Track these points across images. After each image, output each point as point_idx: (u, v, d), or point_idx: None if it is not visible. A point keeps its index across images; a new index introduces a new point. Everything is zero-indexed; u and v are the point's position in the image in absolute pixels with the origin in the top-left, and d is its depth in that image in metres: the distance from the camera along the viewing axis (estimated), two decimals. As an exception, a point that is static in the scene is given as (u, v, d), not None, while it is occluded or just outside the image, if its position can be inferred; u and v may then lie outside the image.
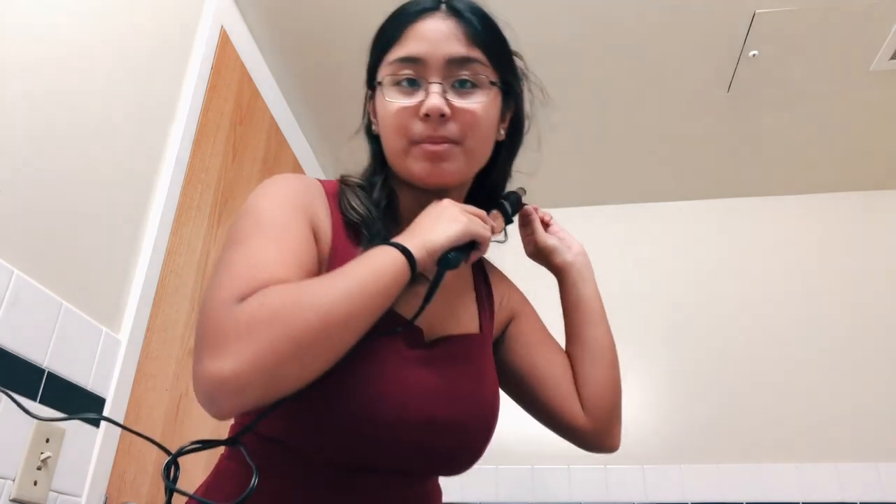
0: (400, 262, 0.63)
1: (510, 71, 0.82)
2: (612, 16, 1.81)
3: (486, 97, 0.76)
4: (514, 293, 0.96)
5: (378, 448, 0.69)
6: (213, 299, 0.60)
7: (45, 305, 1.05)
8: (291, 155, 2.14)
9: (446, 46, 0.75)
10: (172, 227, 1.42)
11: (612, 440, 0.90)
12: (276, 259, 0.63)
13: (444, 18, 0.77)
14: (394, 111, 0.75)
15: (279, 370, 0.55)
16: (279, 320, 0.55)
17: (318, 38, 1.91)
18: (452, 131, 0.74)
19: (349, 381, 0.65)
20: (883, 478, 2.07)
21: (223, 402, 0.55)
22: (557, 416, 0.88)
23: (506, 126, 0.85)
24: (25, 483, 0.99)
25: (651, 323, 2.35)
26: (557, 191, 2.56)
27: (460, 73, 0.75)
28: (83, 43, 1.18)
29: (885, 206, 2.52)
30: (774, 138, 2.29)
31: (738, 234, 2.55)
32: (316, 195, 0.76)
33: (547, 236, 0.95)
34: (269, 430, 0.69)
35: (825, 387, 2.23)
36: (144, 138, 1.36)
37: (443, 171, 0.75)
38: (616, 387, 0.89)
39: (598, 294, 0.93)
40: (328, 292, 0.58)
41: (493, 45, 0.79)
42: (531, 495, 2.14)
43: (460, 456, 0.76)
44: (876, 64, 1.93)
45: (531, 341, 0.91)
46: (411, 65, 0.75)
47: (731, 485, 2.11)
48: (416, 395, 0.69)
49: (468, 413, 0.74)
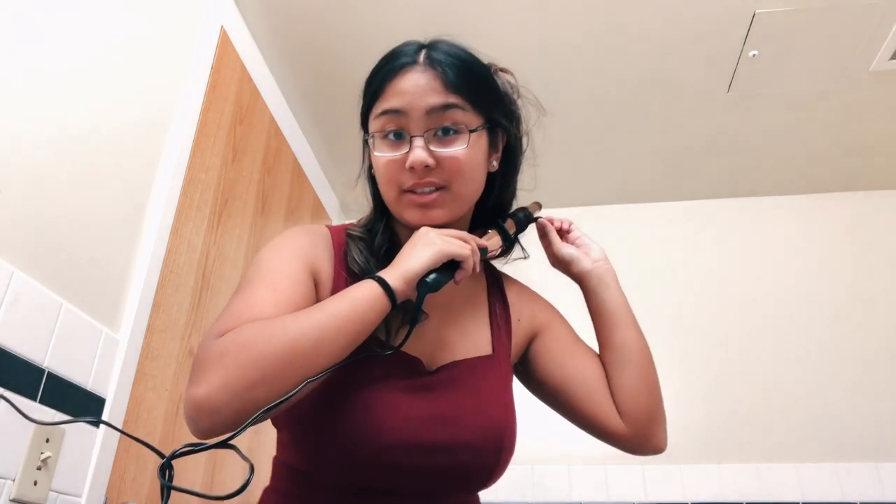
0: (376, 292, 0.69)
1: (494, 107, 0.85)
2: (612, 16, 1.81)
3: (469, 141, 0.80)
4: (537, 305, 0.97)
5: (380, 472, 0.73)
6: (205, 337, 0.68)
7: (45, 305, 1.05)
8: (291, 155, 2.14)
9: (425, 98, 0.79)
10: (172, 227, 1.42)
11: (655, 442, 0.89)
12: (267, 300, 0.71)
13: (422, 71, 0.80)
14: (383, 164, 0.81)
15: (248, 393, 0.62)
16: (246, 349, 0.63)
17: (318, 38, 1.91)
18: (439, 177, 0.79)
19: (344, 409, 0.72)
20: (883, 478, 2.07)
21: (201, 422, 0.63)
22: (595, 424, 0.89)
23: (499, 156, 0.89)
24: (25, 483, 0.99)
25: (650, 323, 2.34)
26: (556, 191, 2.56)
27: (442, 122, 0.79)
28: (83, 43, 1.18)
29: (885, 206, 2.52)
30: (774, 138, 2.29)
31: (738, 235, 2.55)
32: (320, 245, 0.83)
33: (563, 246, 0.96)
34: (287, 457, 0.78)
35: (825, 387, 2.23)
36: (144, 138, 1.36)
37: (432, 217, 0.80)
38: (651, 389, 0.88)
39: (621, 298, 0.93)
40: (299, 323, 0.66)
41: (473, 88, 0.82)
42: (531, 495, 2.14)
43: (470, 474, 0.79)
44: (876, 64, 1.93)
45: (560, 353, 0.92)
46: (395, 118, 0.80)
47: (731, 485, 2.11)
48: (407, 421, 0.74)
49: (468, 434, 0.77)
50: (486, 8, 1.79)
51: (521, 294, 0.98)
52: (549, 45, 1.90)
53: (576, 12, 1.80)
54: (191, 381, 0.64)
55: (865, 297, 2.36)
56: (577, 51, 1.92)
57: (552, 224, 0.98)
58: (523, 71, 0.92)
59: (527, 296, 0.98)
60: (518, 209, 0.94)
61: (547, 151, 1.01)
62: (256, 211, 1.87)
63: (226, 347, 0.64)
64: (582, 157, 2.41)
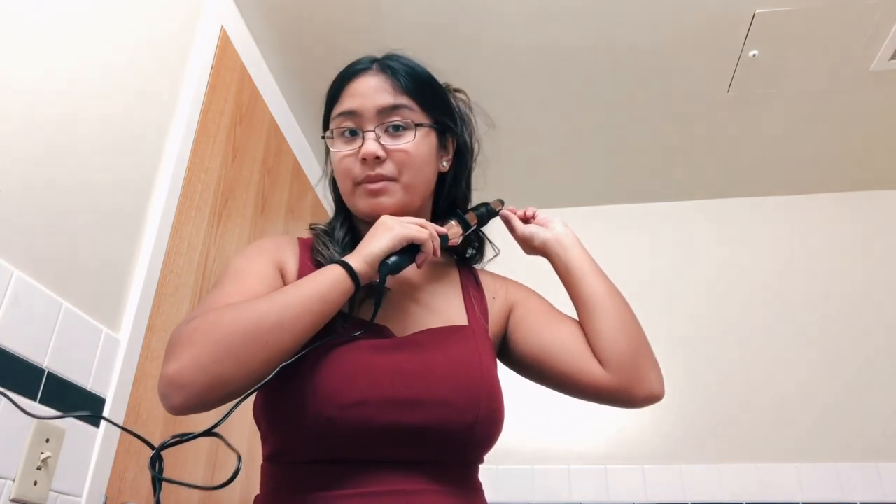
0: (340, 274, 0.75)
1: (441, 111, 0.93)
2: (612, 16, 1.81)
3: (416, 136, 0.87)
4: (511, 285, 0.99)
5: (354, 435, 0.73)
6: (176, 327, 0.73)
7: (45, 305, 1.05)
8: (291, 155, 2.14)
9: (376, 98, 0.88)
10: (172, 227, 1.42)
11: (647, 386, 0.86)
12: (234, 293, 0.76)
13: (374, 75, 0.90)
14: (339, 159, 0.89)
15: (215, 368, 0.66)
16: (214, 327, 0.68)
17: (319, 38, 1.91)
18: (389, 169, 0.86)
19: (311, 373, 0.74)
20: (883, 478, 2.07)
21: (173, 398, 0.67)
22: (579, 381, 0.87)
23: (450, 158, 0.96)
24: (25, 483, 0.99)
25: (650, 323, 2.34)
26: (555, 191, 2.56)
27: (391, 119, 0.87)
28: (83, 43, 1.18)
29: (885, 206, 2.52)
30: (774, 138, 2.29)
31: (737, 235, 2.55)
32: (286, 246, 0.90)
33: (525, 227, 1.01)
34: (269, 452, 0.80)
35: (825, 387, 2.23)
36: (144, 138, 1.36)
37: (383, 206, 0.86)
38: (629, 330, 0.88)
39: (584, 255, 0.95)
40: (264, 303, 0.71)
41: (420, 91, 0.90)
42: (531, 495, 2.14)
43: (448, 434, 0.76)
44: (876, 64, 1.93)
45: (536, 322, 0.93)
46: (350, 117, 0.88)
47: (731, 485, 2.11)
48: (373, 376, 0.75)
49: (438, 389, 0.76)
50: (486, 9, 1.79)
51: (495, 278, 1.01)
52: (549, 44, 1.90)
53: (576, 12, 1.80)
54: (164, 361, 0.69)
55: (866, 297, 2.36)
56: (576, 50, 1.92)
57: (514, 213, 1.03)
58: (523, 70, 0.94)
59: (500, 279, 1.01)
60: (480, 204, 1.00)
61: (545, 151, 1.03)
62: (256, 211, 1.87)
63: (195, 327, 0.69)
64: (581, 157, 2.41)
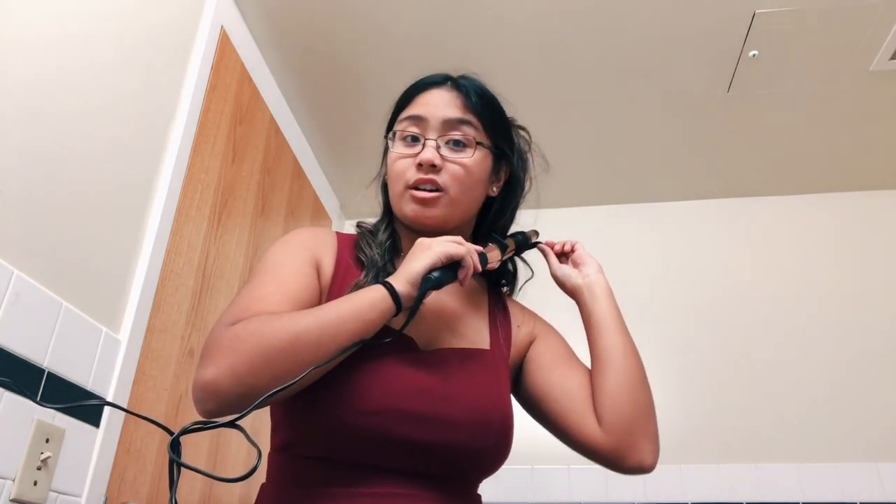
0: (381, 294, 0.75)
1: (502, 137, 0.95)
2: (612, 16, 1.81)
3: (474, 154, 0.90)
4: (537, 319, 1.01)
5: (367, 441, 0.74)
6: (216, 325, 0.74)
7: (45, 305, 1.05)
8: (291, 155, 2.14)
9: (444, 111, 0.90)
10: (172, 227, 1.42)
11: (639, 457, 0.83)
12: (273, 293, 0.78)
13: (447, 90, 0.93)
14: (395, 158, 0.91)
15: (251, 379, 0.68)
16: (254, 338, 0.69)
17: (319, 38, 1.91)
18: (442, 179, 0.88)
19: (335, 378, 0.75)
20: (883, 478, 2.06)
21: (207, 403, 0.69)
22: (570, 432, 0.86)
23: (500, 185, 0.98)
24: (25, 483, 0.99)
25: (649, 323, 2.35)
26: (555, 191, 2.56)
27: (454, 133, 0.90)
28: (83, 43, 1.18)
29: (884, 206, 2.52)
30: (774, 138, 2.29)
31: (738, 235, 2.55)
32: (325, 240, 0.91)
33: (560, 267, 1.01)
34: (279, 440, 0.81)
35: (825, 387, 2.23)
36: (144, 138, 1.36)
37: (428, 215, 0.88)
38: (634, 395, 0.85)
39: (610, 307, 0.94)
40: (306, 318, 0.72)
41: (487, 113, 0.93)
42: (531, 495, 2.14)
43: (458, 455, 0.78)
44: (876, 64, 1.93)
45: (550, 361, 0.93)
46: (415, 123, 0.91)
47: (731, 485, 2.11)
48: (394, 389, 0.77)
49: (453, 410, 0.78)
50: (486, 10, 1.79)
51: (523, 310, 1.02)
52: (549, 44, 1.89)
53: (576, 12, 1.80)
54: (200, 364, 0.70)
55: (866, 297, 2.36)
56: (576, 50, 1.92)
57: (552, 248, 1.03)
58: (524, 69, 0.94)
59: (528, 312, 1.02)
60: (517, 232, 1.01)
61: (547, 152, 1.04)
62: (256, 211, 1.87)
63: (236, 335, 0.70)
64: (580, 158, 2.41)
